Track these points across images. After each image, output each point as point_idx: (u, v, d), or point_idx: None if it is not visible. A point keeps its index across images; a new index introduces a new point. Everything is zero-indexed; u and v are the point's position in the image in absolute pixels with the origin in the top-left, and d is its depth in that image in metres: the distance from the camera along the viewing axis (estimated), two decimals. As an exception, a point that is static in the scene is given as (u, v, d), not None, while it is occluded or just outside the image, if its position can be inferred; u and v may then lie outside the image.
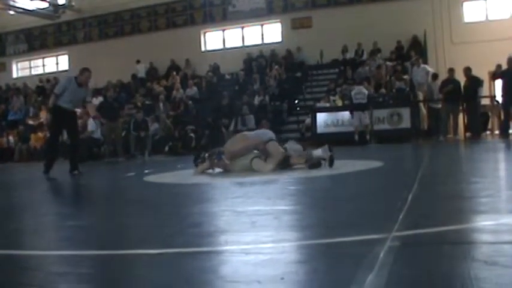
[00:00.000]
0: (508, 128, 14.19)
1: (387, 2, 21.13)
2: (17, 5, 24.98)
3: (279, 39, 23.63)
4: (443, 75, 16.45)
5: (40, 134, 19.36)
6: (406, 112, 15.71)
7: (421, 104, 16.65)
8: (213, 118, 18.31)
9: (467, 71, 14.92)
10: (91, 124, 16.10)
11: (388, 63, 19.30)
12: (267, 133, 7.96)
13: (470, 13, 20.66)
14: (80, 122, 17.15)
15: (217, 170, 7.65)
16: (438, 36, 20.26)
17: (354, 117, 15.71)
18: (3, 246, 3.02)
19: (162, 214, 4.08)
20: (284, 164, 7.33)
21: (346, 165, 7.66)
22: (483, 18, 20.48)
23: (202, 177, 7.19)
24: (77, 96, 9.63)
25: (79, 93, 9.63)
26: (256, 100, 19.41)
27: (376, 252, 2.21)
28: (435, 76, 16.42)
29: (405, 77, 17.94)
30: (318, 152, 7.59)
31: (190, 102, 19.98)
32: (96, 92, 22.76)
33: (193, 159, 8.15)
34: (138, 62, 24.25)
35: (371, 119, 15.57)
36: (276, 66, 21.40)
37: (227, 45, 24.72)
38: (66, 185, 8.35)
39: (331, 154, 7.34)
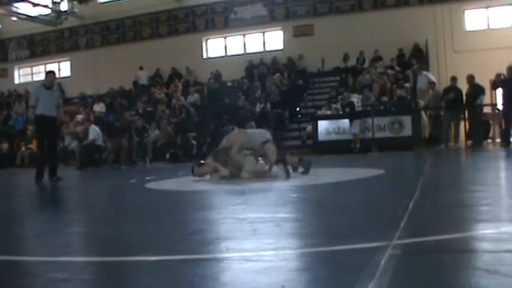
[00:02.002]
0: (509, 136, 14.17)
1: (389, 10, 21.19)
2: (19, 11, 25.05)
3: (280, 46, 23.64)
4: (444, 84, 16.45)
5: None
6: (407, 120, 15.69)
7: (423, 112, 16.65)
8: (214, 125, 18.31)
9: (471, 78, 14.92)
10: (93, 131, 16.10)
11: (390, 71, 19.30)
12: (264, 134, 8.02)
13: (472, 22, 20.67)
14: (81, 128, 17.32)
15: (215, 176, 7.63)
16: (440, 45, 20.27)
17: (354, 125, 15.76)
18: (3, 251, 3.02)
19: (163, 221, 4.08)
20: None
21: (347, 173, 7.66)
22: (485, 27, 20.49)
23: (204, 184, 7.18)
24: (50, 100, 10.01)
25: (50, 97, 10.05)
26: (258, 107, 19.42)
27: (377, 260, 2.21)
28: (432, 84, 16.43)
29: (406, 84, 17.95)
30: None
31: (192, 109, 19.99)
32: (98, 99, 22.92)
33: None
34: (141, 68, 24.29)
35: (371, 127, 15.55)
36: (278, 74, 21.41)
37: (229, 53, 24.76)
38: (67, 191, 8.35)
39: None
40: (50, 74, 10.68)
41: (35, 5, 24.75)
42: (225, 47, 24.84)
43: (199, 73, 24.06)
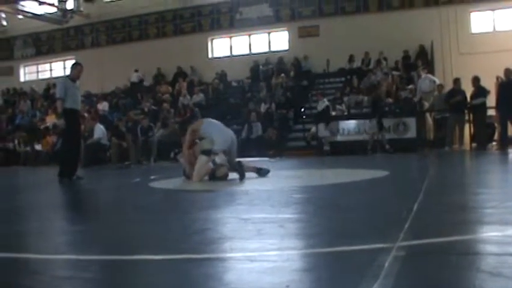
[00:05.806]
0: (506, 139, 14.09)
1: (394, 12, 21.19)
2: (25, 9, 25.15)
3: (286, 47, 23.67)
4: (449, 86, 16.43)
5: (48, 139, 19.40)
6: (412, 122, 15.68)
7: (427, 114, 16.62)
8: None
9: (476, 80, 14.87)
10: (98, 130, 16.14)
11: (395, 72, 19.29)
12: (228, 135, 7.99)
13: (478, 24, 20.65)
14: (85, 127, 17.34)
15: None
16: (445, 47, 20.25)
17: (328, 128, 16.07)
18: (8, 249, 3.03)
19: (167, 220, 4.08)
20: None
21: (351, 174, 7.65)
22: (490, 29, 20.47)
23: (207, 184, 7.17)
24: (77, 94, 9.43)
25: (77, 90, 9.46)
26: (263, 108, 19.43)
27: (381, 261, 2.21)
28: (440, 87, 16.41)
29: (411, 86, 17.93)
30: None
31: (196, 109, 19.99)
32: (102, 97, 22.97)
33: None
34: (136, 71, 24.47)
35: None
36: (282, 74, 21.42)
37: (234, 53, 24.79)
38: (71, 190, 8.36)
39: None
40: (77, 66, 9.72)
41: (41, 3, 24.85)
42: (231, 47, 24.88)
43: (204, 73, 24.10)
